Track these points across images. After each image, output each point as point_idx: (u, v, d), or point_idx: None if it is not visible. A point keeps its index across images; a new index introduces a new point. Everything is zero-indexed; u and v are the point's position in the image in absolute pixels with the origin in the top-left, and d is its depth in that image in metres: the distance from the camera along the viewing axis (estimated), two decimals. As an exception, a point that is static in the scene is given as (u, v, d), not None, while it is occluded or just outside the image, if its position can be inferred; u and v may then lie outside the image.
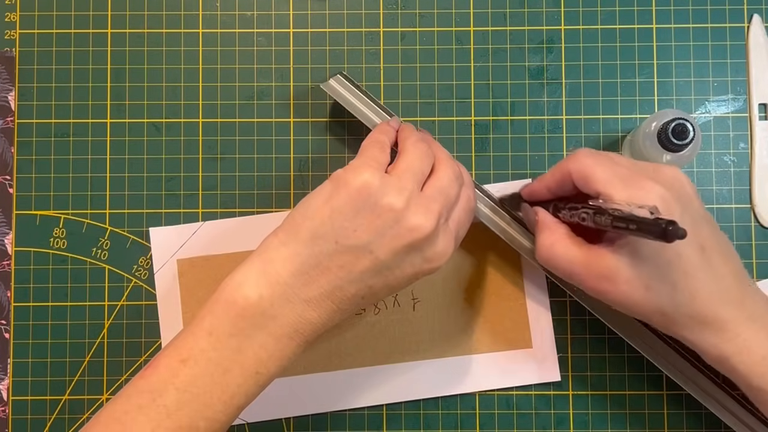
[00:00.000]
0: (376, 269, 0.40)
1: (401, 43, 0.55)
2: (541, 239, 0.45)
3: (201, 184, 0.54)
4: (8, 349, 0.53)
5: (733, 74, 0.54)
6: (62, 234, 0.54)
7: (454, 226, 0.43)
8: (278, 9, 0.55)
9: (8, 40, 0.55)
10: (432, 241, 0.41)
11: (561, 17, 0.55)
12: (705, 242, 0.42)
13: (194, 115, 0.55)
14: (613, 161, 0.43)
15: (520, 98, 0.55)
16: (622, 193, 0.40)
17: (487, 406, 0.53)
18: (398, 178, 0.41)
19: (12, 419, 0.53)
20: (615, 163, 0.43)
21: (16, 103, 0.55)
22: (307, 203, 0.42)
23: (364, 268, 0.40)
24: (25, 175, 0.54)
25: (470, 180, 0.47)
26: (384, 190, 0.40)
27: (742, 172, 0.54)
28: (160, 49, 0.55)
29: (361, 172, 0.41)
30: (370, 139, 0.44)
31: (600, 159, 0.43)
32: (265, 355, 0.40)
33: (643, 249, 0.41)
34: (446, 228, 0.42)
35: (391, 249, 0.40)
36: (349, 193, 0.40)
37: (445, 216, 0.42)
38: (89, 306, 0.54)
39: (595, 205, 0.42)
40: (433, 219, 0.40)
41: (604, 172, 0.42)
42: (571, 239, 0.44)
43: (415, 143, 0.44)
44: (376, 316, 0.53)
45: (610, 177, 0.41)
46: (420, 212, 0.40)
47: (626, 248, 0.41)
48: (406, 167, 0.42)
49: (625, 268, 0.41)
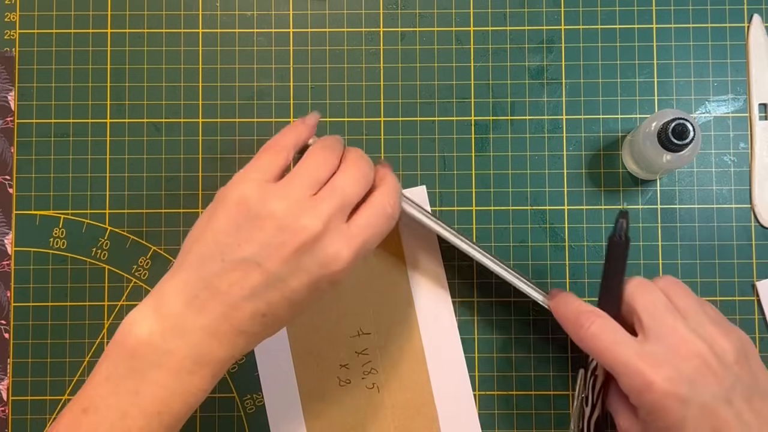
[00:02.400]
0: (268, 282, 0.38)
1: (401, 43, 0.55)
2: (593, 320, 0.43)
3: (201, 184, 0.54)
4: (8, 349, 0.53)
5: (733, 74, 0.54)
6: (62, 234, 0.54)
7: (357, 229, 0.40)
8: (278, 9, 0.55)
9: (8, 40, 0.55)
10: (322, 243, 0.39)
11: (561, 17, 0.55)
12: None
13: (194, 115, 0.55)
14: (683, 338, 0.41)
15: (520, 98, 0.55)
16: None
17: (487, 406, 0.53)
18: (284, 186, 0.40)
19: (12, 419, 0.53)
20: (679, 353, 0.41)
21: (16, 103, 0.55)
22: (193, 227, 0.41)
23: (255, 282, 0.38)
24: (25, 175, 0.54)
25: (395, 186, 0.43)
26: (264, 199, 0.39)
27: (742, 172, 0.54)
28: (159, 49, 0.55)
29: (238, 186, 0.40)
30: (267, 143, 0.43)
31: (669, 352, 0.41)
32: (165, 394, 0.38)
33: None
34: (341, 229, 0.39)
35: (280, 258, 0.38)
36: (228, 209, 0.39)
37: (340, 217, 0.40)
38: (89, 306, 0.54)
39: None
40: (319, 219, 0.38)
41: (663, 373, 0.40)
42: (627, 340, 0.42)
43: (315, 150, 0.42)
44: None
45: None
46: (305, 213, 0.39)
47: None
48: (296, 173, 0.40)
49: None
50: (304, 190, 0.40)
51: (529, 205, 0.54)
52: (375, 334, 0.53)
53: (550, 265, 0.53)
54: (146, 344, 0.38)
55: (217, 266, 0.38)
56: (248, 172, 0.40)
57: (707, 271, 0.53)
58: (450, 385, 0.53)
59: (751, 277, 0.53)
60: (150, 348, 0.38)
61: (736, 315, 0.53)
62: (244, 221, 0.39)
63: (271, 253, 0.38)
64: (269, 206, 0.39)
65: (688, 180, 0.54)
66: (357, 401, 0.53)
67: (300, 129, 0.44)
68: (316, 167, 0.41)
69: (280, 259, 0.38)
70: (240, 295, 0.38)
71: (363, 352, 0.53)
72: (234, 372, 0.53)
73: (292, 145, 0.43)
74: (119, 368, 0.39)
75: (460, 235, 0.47)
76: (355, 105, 0.55)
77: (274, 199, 0.39)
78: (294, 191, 0.39)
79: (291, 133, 0.43)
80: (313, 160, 0.41)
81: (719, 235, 0.53)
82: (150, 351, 0.38)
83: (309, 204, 0.39)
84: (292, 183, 0.40)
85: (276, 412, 0.53)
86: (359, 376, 0.53)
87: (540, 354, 0.53)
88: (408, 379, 0.53)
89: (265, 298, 0.39)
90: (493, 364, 0.53)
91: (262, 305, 0.39)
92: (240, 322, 0.39)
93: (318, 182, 0.40)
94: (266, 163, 0.41)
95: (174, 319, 0.38)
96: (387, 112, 0.54)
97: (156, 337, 0.38)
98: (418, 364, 0.53)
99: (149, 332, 0.38)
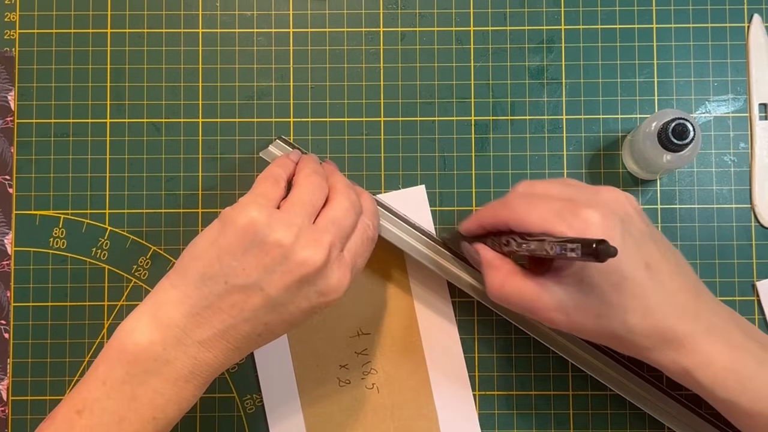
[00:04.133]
0: (268, 306, 0.40)
1: (401, 43, 0.55)
2: (489, 279, 0.44)
3: (201, 184, 0.54)
4: (8, 349, 0.53)
5: (733, 74, 0.54)
6: (62, 234, 0.54)
7: (350, 256, 0.42)
8: (278, 9, 0.55)
9: (8, 40, 0.55)
10: (324, 274, 0.40)
11: (561, 17, 0.55)
12: (650, 259, 0.41)
13: (194, 115, 0.55)
14: (548, 197, 0.43)
15: (520, 98, 0.55)
16: (560, 227, 0.40)
17: (487, 406, 0.53)
18: (287, 213, 0.40)
19: (12, 419, 0.53)
20: (549, 199, 0.42)
21: (16, 103, 0.55)
22: (196, 244, 0.41)
23: (256, 306, 0.39)
24: (25, 175, 0.54)
25: (373, 209, 0.46)
26: (272, 226, 0.39)
27: (743, 172, 0.54)
28: (159, 48, 0.55)
29: (247, 209, 0.40)
30: (263, 174, 0.44)
31: (533, 201, 0.42)
32: (161, 401, 0.39)
33: (588, 276, 0.40)
34: (340, 259, 0.41)
35: (283, 285, 0.39)
36: (236, 232, 0.39)
37: (339, 247, 0.41)
38: (89, 306, 0.54)
39: (532, 238, 0.42)
40: (323, 251, 0.40)
41: (539, 213, 0.41)
42: (519, 275, 0.43)
43: (307, 176, 0.43)
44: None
45: (546, 216, 0.41)
46: (309, 245, 0.39)
47: (572, 277, 0.41)
48: (296, 200, 0.41)
49: (573, 298, 0.41)
50: (306, 218, 0.41)
51: (529, 205, 0.54)
52: (375, 334, 0.53)
53: (550, 265, 0.53)
54: (146, 352, 0.39)
55: (220, 287, 0.39)
56: (255, 197, 0.41)
57: (707, 271, 0.53)
58: (450, 386, 0.53)
59: (751, 277, 0.53)
60: (149, 356, 0.39)
61: (736, 315, 0.53)
62: (250, 246, 0.39)
63: (275, 280, 0.39)
64: (276, 233, 0.39)
65: (688, 180, 0.54)
66: (357, 401, 0.53)
67: (289, 163, 0.46)
68: (311, 194, 0.42)
69: (282, 286, 0.39)
70: (240, 316, 0.40)
71: (363, 352, 0.53)
72: (234, 372, 0.53)
73: (285, 177, 0.44)
74: (117, 373, 0.39)
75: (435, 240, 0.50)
76: (355, 105, 0.55)
77: (280, 227, 0.39)
78: (297, 219, 0.40)
79: (283, 165, 0.45)
80: (308, 187, 0.42)
81: (719, 235, 0.53)
82: (149, 359, 0.39)
83: (312, 235, 0.40)
84: (294, 211, 0.41)
85: (276, 413, 0.53)
86: (359, 376, 0.53)
87: (540, 354, 0.53)
88: (408, 380, 0.53)
89: (264, 319, 0.40)
90: (493, 364, 0.53)
91: (259, 326, 0.40)
92: (236, 339, 0.40)
93: (315, 208, 0.42)
94: (268, 190, 0.42)
95: (174, 330, 0.39)
96: (387, 112, 0.54)
97: (156, 346, 0.39)
98: (418, 364, 0.53)
99: (149, 341, 0.39)
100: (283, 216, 0.40)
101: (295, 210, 0.41)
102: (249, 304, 0.39)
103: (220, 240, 0.40)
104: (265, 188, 0.42)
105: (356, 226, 0.43)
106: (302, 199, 0.42)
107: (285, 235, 0.39)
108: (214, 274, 0.39)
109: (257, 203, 0.40)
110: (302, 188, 0.42)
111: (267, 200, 0.41)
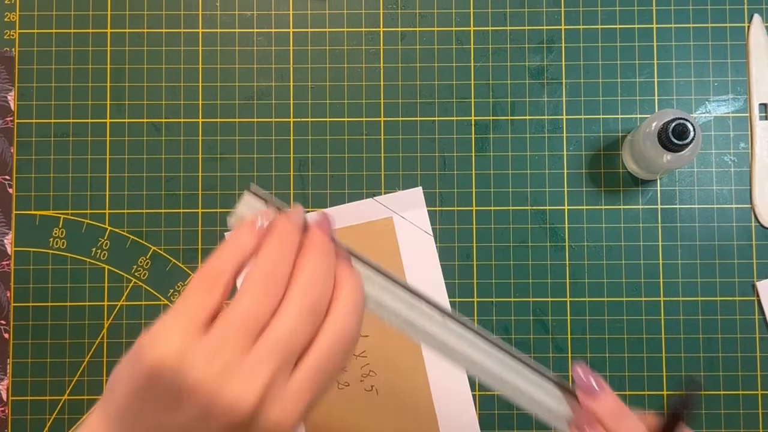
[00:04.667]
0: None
1: (401, 43, 0.55)
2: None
3: (201, 184, 0.54)
4: (8, 350, 0.53)
5: (733, 74, 0.54)
6: (62, 234, 0.54)
7: (303, 383, 0.31)
8: (278, 9, 0.55)
9: (8, 40, 0.55)
10: (259, 416, 0.30)
11: (561, 17, 0.55)
12: None
13: (194, 115, 0.55)
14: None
15: (520, 98, 0.55)
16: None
17: (487, 407, 0.53)
18: (213, 338, 0.30)
19: (12, 419, 0.53)
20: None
21: (16, 103, 0.55)
22: (116, 373, 0.32)
23: None
24: (25, 175, 0.54)
25: (361, 304, 0.33)
26: (189, 361, 0.29)
27: (743, 172, 0.54)
28: (159, 48, 0.55)
29: (157, 340, 0.30)
30: (196, 273, 0.32)
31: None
32: None
33: None
34: (283, 392, 0.30)
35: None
36: (144, 373, 0.30)
37: (282, 376, 0.30)
38: (89, 306, 0.54)
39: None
40: (254, 388, 0.29)
41: None
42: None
43: (261, 267, 0.31)
44: None
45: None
46: (238, 383, 0.29)
47: None
48: (231, 316, 0.30)
49: None
50: (237, 344, 0.30)
51: (529, 205, 0.54)
52: (372, 336, 0.53)
53: (550, 265, 0.53)
54: None
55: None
56: (175, 316, 0.30)
57: (707, 271, 0.53)
58: (449, 386, 0.53)
59: (751, 277, 0.53)
60: None
61: (736, 315, 0.53)
62: (164, 393, 0.30)
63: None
64: (194, 371, 0.29)
65: (688, 180, 0.54)
66: (356, 404, 0.53)
67: (244, 243, 0.32)
68: (257, 302, 0.30)
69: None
70: None
71: (361, 354, 0.53)
72: (234, 372, 0.53)
73: (231, 270, 0.32)
74: None
75: (446, 314, 0.36)
76: (355, 105, 0.55)
77: (198, 364, 0.29)
78: (224, 348, 0.30)
79: (231, 251, 0.32)
80: (254, 290, 0.31)
81: (719, 235, 0.53)
82: None
83: (242, 368, 0.30)
84: (221, 335, 0.30)
85: (276, 413, 0.53)
86: (357, 378, 0.53)
87: (540, 354, 0.53)
88: (407, 381, 0.53)
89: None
90: (493, 364, 0.53)
91: None
92: None
93: (259, 324, 0.30)
94: (194, 303, 0.31)
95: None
96: (387, 112, 0.54)
97: None
98: (417, 365, 0.53)
99: None
100: (207, 343, 0.30)
101: (224, 335, 0.30)
102: None
103: (132, 382, 0.30)
104: (189, 301, 0.31)
105: (319, 336, 0.31)
106: (240, 312, 0.30)
107: (205, 373, 0.29)
108: (139, 415, 0.31)
109: (174, 328, 0.30)
110: (246, 294, 0.31)
111: (188, 321, 0.30)
